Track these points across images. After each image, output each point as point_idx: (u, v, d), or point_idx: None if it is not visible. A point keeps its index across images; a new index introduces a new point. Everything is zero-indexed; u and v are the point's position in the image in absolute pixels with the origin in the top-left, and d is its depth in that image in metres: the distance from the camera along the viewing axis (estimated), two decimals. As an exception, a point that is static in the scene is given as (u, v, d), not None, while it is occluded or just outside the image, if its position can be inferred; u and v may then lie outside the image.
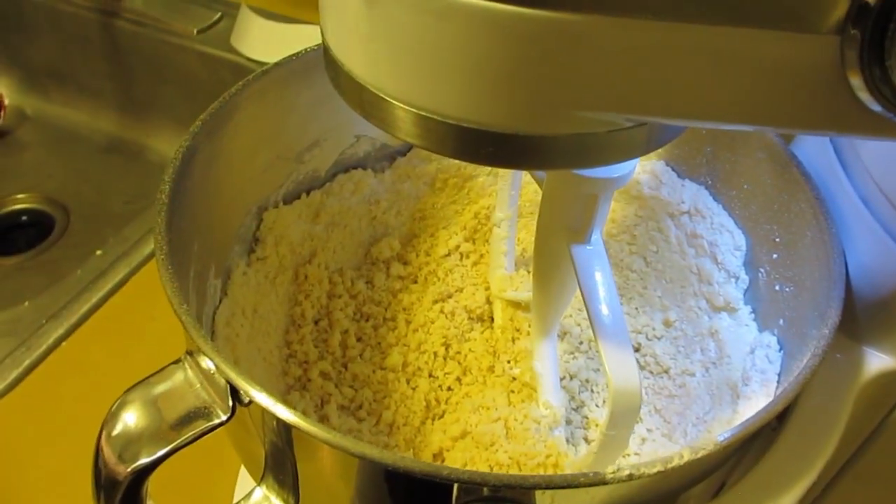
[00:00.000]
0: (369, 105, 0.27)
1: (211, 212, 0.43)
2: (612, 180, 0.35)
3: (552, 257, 0.40)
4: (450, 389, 0.48)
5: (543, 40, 0.23)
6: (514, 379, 0.48)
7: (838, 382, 0.39)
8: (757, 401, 0.40)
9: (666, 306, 0.50)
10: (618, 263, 0.52)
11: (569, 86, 0.24)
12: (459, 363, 0.49)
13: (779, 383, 0.40)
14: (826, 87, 0.24)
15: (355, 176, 0.51)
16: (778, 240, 0.44)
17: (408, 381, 0.48)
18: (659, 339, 0.49)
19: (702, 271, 0.48)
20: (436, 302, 0.51)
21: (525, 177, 0.50)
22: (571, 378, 0.49)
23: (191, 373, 0.33)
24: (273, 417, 0.30)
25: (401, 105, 0.26)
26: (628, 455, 0.45)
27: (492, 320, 0.51)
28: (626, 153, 0.28)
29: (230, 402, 0.32)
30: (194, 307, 0.40)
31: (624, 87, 0.24)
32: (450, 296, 0.52)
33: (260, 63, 0.81)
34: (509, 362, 0.48)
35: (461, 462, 0.44)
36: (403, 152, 0.53)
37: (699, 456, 0.29)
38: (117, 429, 0.32)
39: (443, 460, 0.45)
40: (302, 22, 0.82)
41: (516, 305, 0.50)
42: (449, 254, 0.53)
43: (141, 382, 0.33)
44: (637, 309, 0.51)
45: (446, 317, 0.50)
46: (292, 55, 0.44)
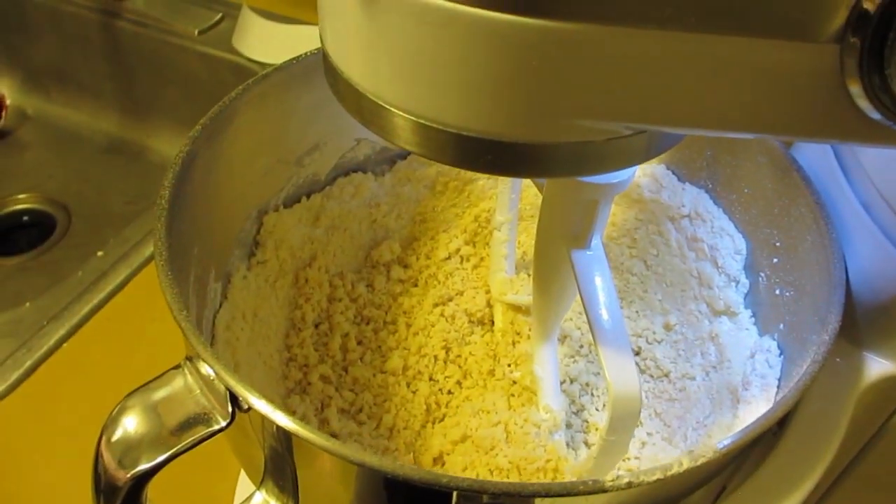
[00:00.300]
0: (368, 112, 0.27)
1: (211, 216, 0.43)
2: (612, 186, 0.35)
3: (552, 262, 0.40)
4: (450, 393, 0.48)
5: (543, 49, 0.23)
6: (514, 383, 0.47)
7: (839, 387, 0.39)
8: (757, 405, 0.40)
9: (666, 310, 0.50)
10: (618, 267, 0.52)
11: (568, 95, 0.24)
12: (460, 367, 0.49)
13: (779, 388, 0.40)
14: (825, 95, 0.24)
15: (355, 179, 0.51)
16: (778, 244, 0.44)
17: (408, 385, 0.48)
18: (659, 342, 0.49)
19: (702, 275, 0.48)
20: (436, 305, 0.51)
21: (525, 180, 0.50)
22: (572, 382, 0.48)
23: (190, 378, 0.33)
24: (272, 424, 0.30)
25: (400, 113, 0.26)
26: (628, 459, 0.45)
27: (492, 324, 0.51)
28: (626, 161, 0.28)
29: (230, 409, 0.32)
30: (194, 311, 0.40)
31: (623, 95, 0.24)
32: (450, 299, 0.52)
33: (261, 64, 0.81)
34: (510, 366, 0.48)
35: (461, 466, 0.44)
36: (404, 156, 0.53)
37: (699, 463, 0.29)
38: (117, 434, 0.32)
39: (443, 464, 0.45)
40: (303, 23, 0.82)
41: (517, 309, 0.50)
42: (449, 257, 0.53)
43: (141, 388, 0.33)
44: (637, 312, 0.51)
45: (447, 320, 0.50)
46: (292, 59, 0.44)
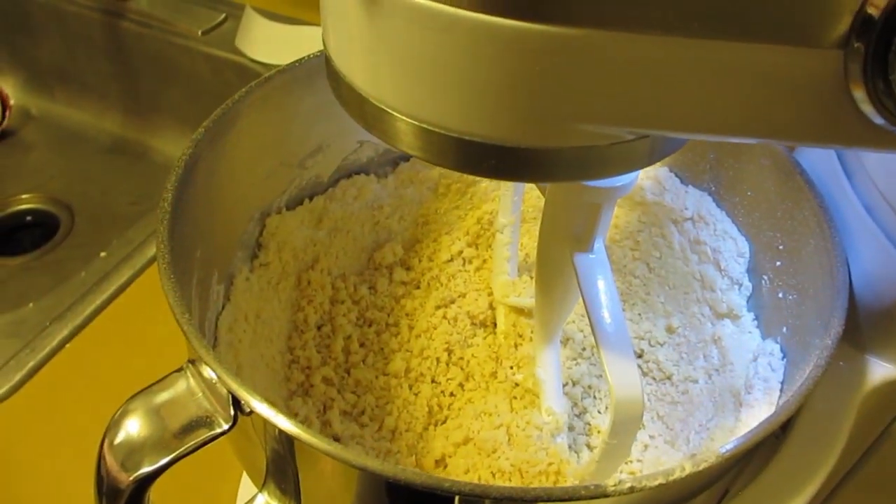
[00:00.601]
0: (371, 117, 0.27)
1: (214, 218, 0.43)
2: (615, 189, 0.35)
3: (554, 265, 0.40)
4: (452, 395, 0.48)
5: (545, 55, 0.23)
6: (516, 385, 0.47)
7: (842, 391, 0.39)
8: (759, 409, 0.40)
9: (669, 312, 0.50)
10: (621, 269, 0.51)
11: (571, 99, 0.24)
12: (462, 369, 0.49)
13: (782, 391, 0.40)
14: (829, 100, 0.24)
15: (358, 181, 0.51)
16: (781, 247, 0.44)
17: (410, 387, 0.48)
18: (662, 345, 0.49)
19: (705, 278, 0.48)
20: (438, 307, 0.51)
21: (528, 183, 0.50)
22: (574, 384, 0.48)
23: (193, 381, 0.33)
24: (274, 427, 0.30)
25: (402, 117, 0.26)
26: (630, 462, 0.45)
27: (494, 326, 0.51)
28: (629, 165, 0.28)
29: (232, 412, 0.32)
30: (197, 313, 0.40)
31: (626, 100, 0.24)
32: (452, 301, 0.52)
33: (264, 64, 0.81)
34: (512, 368, 0.48)
35: (463, 469, 0.44)
36: (406, 158, 0.52)
37: (701, 468, 0.29)
38: (119, 437, 0.32)
39: (445, 466, 0.45)
40: (306, 23, 0.82)
41: (519, 311, 0.50)
42: (452, 259, 0.53)
43: (143, 391, 0.33)
44: (640, 315, 0.51)
45: (449, 322, 0.50)
46: (295, 62, 0.44)
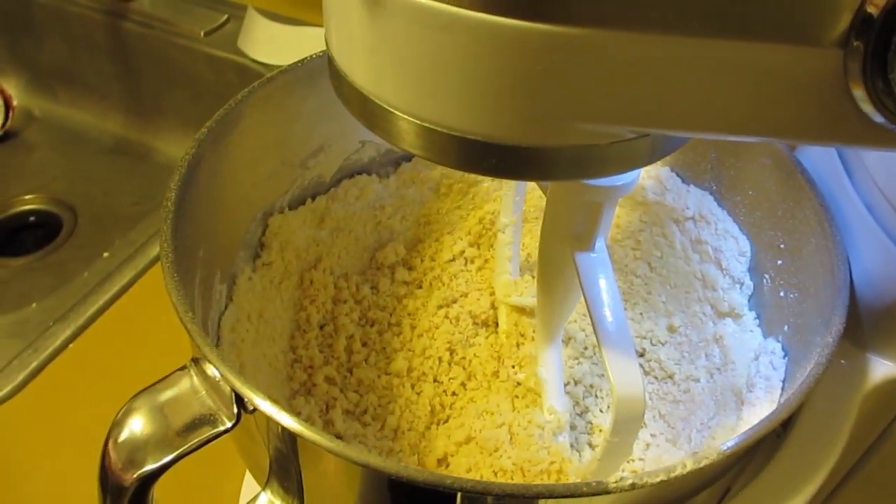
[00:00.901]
0: (373, 116, 0.27)
1: (216, 218, 0.43)
2: (616, 188, 0.35)
3: (556, 264, 0.40)
4: (454, 394, 0.48)
5: (546, 54, 0.23)
6: (518, 384, 0.48)
7: (843, 389, 0.39)
8: (761, 407, 0.40)
9: (670, 312, 0.50)
10: (622, 269, 0.52)
11: (571, 98, 0.24)
12: (464, 368, 0.49)
13: (783, 390, 0.40)
14: (829, 99, 0.24)
15: (360, 181, 0.51)
16: (782, 246, 0.44)
17: (412, 386, 0.48)
18: (663, 344, 0.49)
19: (706, 277, 0.48)
20: (440, 307, 0.51)
21: (530, 182, 0.50)
22: (576, 383, 0.49)
23: (196, 380, 0.33)
24: (277, 425, 0.30)
25: (404, 116, 0.26)
26: (632, 461, 0.45)
27: (496, 325, 0.51)
28: (630, 164, 0.28)
29: (235, 410, 0.32)
30: (200, 312, 0.40)
31: (627, 99, 0.24)
32: (454, 301, 0.52)
33: (266, 65, 0.81)
34: (514, 367, 0.48)
35: (465, 467, 0.44)
36: (408, 158, 0.53)
37: (702, 465, 0.29)
38: (123, 435, 0.32)
39: (447, 465, 0.45)
40: (308, 24, 0.82)
41: (521, 311, 0.50)
42: (454, 259, 0.53)
43: (147, 389, 0.33)
44: (641, 314, 0.51)
45: (451, 322, 0.50)
46: (297, 62, 0.44)
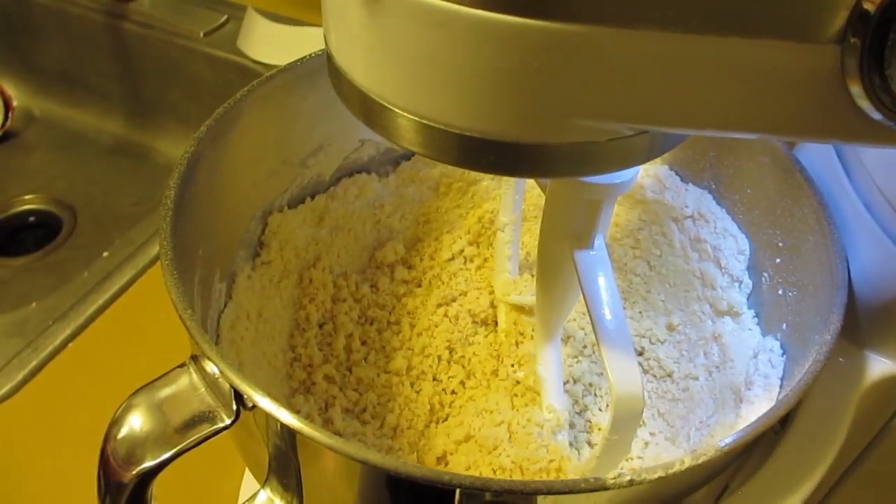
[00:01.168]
0: (372, 113, 0.27)
1: (216, 217, 0.43)
2: (615, 186, 0.35)
3: (555, 262, 0.40)
4: (453, 393, 0.49)
5: (544, 51, 0.23)
6: (517, 383, 0.48)
7: (841, 387, 0.39)
8: (760, 405, 0.40)
9: (669, 310, 0.50)
10: (621, 267, 0.52)
11: (569, 95, 0.24)
12: (463, 367, 0.49)
13: (781, 388, 0.40)
14: (827, 95, 0.24)
15: (359, 180, 0.51)
16: (781, 244, 0.44)
17: (412, 385, 0.49)
18: (662, 342, 0.49)
19: (705, 275, 0.48)
20: (440, 306, 0.51)
21: (529, 180, 0.50)
22: (575, 382, 0.49)
23: (195, 377, 0.33)
24: (276, 422, 0.30)
25: (403, 114, 0.26)
26: (631, 459, 0.45)
27: (496, 324, 0.51)
28: (628, 161, 0.28)
29: (234, 407, 0.32)
30: (199, 311, 0.40)
31: (625, 96, 0.24)
32: (454, 300, 0.52)
33: (266, 65, 0.81)
34: (513, 366, 0.48)
35: (464, 466, 0.44)
36: (408, 157, 0.53)
37: (700, 462, 0.29)
38: (122, 432, 0.32)
39: (446, 464, 0.45)
40: (308, 24, 0.83)
41: (520, 309, 0.50)
42: (453, 258, 0.53)
43: (146, 386, 0.33)
44: (640, 313, 0.51)
45: (450, 321, 0.51)
46: (296, 60, 0.44)
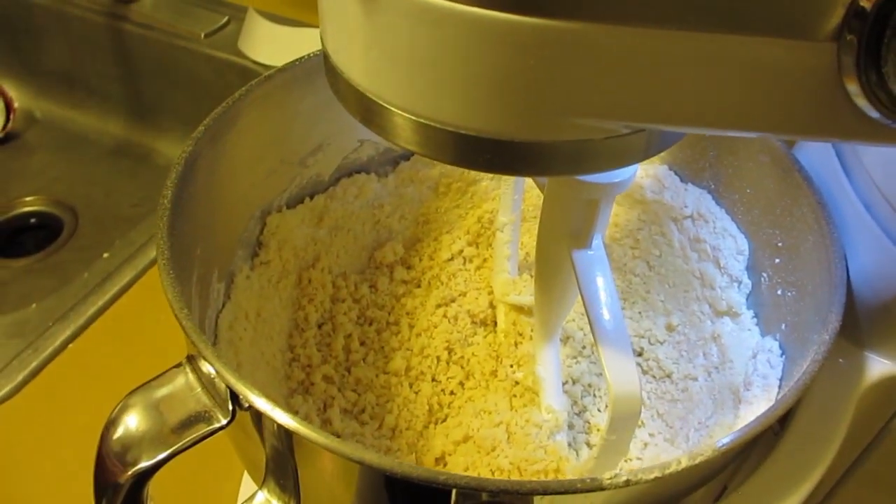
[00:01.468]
0: (368, 112, 0.27)
1: (214, 216, 0.43)
2: (613, 185, 0.35)
3: (554, 262, 0.40)
4: (452, 394, 0.48)
5: (539, 48, 0.23)
6: (516, 383, 0.47)
7: (840, 387, 0.39)
8: (758, 406, 0.40)
9: (669, 310, 0.50)
10: (621, 267, 0.52)
11: (565, 93, 0.24)
12: (462, 367, 0.49)
13: (780, 388, 0.40)
14: (824, 93, 0.24)
15: (359, 180, 0.51)
16: (780, 244, 0.44)
17: (411, 385, 0.48)
18: (661, 343, 0.49)
19: (704, 276, 0.48)
20: (439, 306, 0.51)
21: (529, 180, 0.50)
22: (574, 382, 0.48)
23: (192, 377, 0.33)
24: (273, 422, 0.30)
25: (400, 112, 0.26)
26: (630, 460, 0.45)
27: (495, 324, 0.51)
28: (625, 159, 0.28)
29: (230, 407, 0.32)
30: (197, 311, 0.40)
31: (621, 94, 0.24)
32: (453, 300, 0.52)
33: (267, 66, 0.81)
34: (512, 366, 0.48)
35: (463, 466, 0.44)
36: (407, 157, 0.53)
37: (697, 462, 0.29)
38: (118, 432, 0.32)
39: (445, 464, 0.45)
40: (308, 25, 0.83)
41: (519, 309, 0.50)
42: (452, 258, 0.53)
43: (142, 386, 0.33)
44: (640, 313, 0.51)
45: (449, 321, 0.50)
46: (295, 60, 0.44)
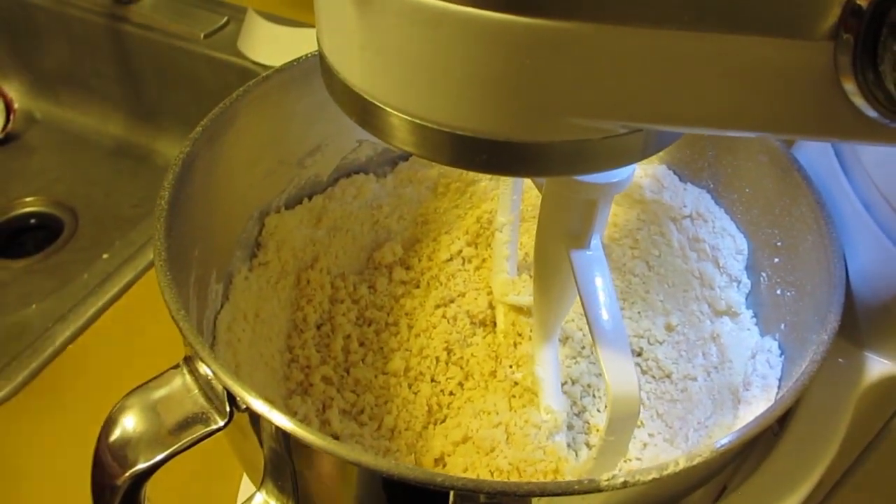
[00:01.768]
0: (364, 113, 0.27)
1: (212, 217, 0.43)
2: (611, 185, 0.35)
3: (552, 262, 0.40)
4: (451, 394, 0.48)
5: (535, 48, 0.23)
6: (515, 384, 0.47)
7: (839, 387, 0.39)
8: (758, 406, 0.40)
9: (668, 310, 0.50)
10: (620, 268, 0.51)
11: (561, 93, 0.24)
12: (461, 368, 0.49)
13: (780, 388, 0.40)
14: (821, 92, 0.24)
15: (357, 181, 0.51)
16: (779, 244, 0.43)
17: (410, 386, 0.48)
18: (661, 343, 0.49)
19: (704, 275, 0.47)
20: (438, 307, 0.51)
21: (527, 181, 0.50)
22: (573, 383, 0.48)
23: (189, 378, 0.33)
24: (270, 424, 0.30)
25: (395, 113, 0.26)
26: (630, 460, 0.45)
27: (494, 325, 0.51)
28: (622, 159, 0.28)
29: (227, 408, 0.32)
30: (195, 312, 0.40)
31: (617, 94, 0.24)
32: (452, 300, 0.52)
33: (266, 67, 0.81)
34: (511, 367, 0.48)
35: (462, 467, 0.43)
36: (405, 157, 0.53)
37: (695, 463, 0.29)
38: (116, 433, 0.32)
39: (444, 465, 0.45)
40: (308, 26, 0.83)
41: (518, 310, 0.50)
42: (451, 258, 0.53)
43: (140, 387, 0.33)
44: (639, 313, 0.51)
45: (448, 321, 0.50)
46: (292, 61, 0.44)
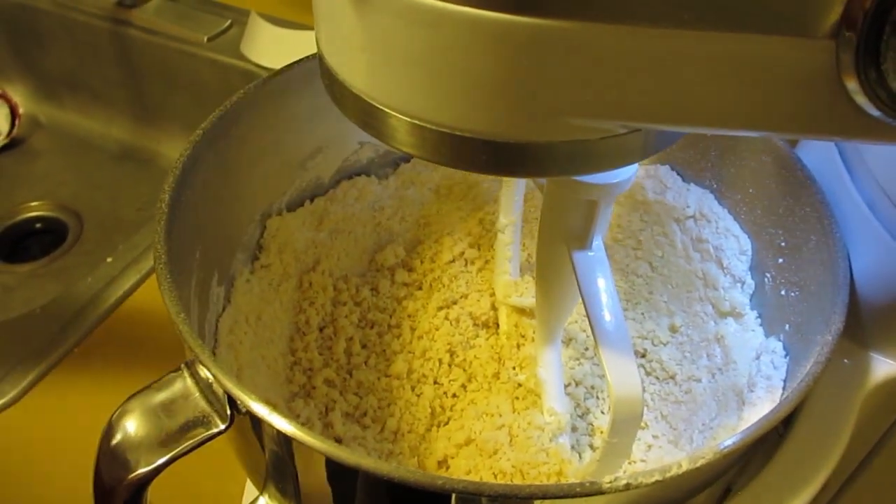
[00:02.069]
0: (364, 115, 0.27)
1: (213, 220, 0.43)
2: (612, 186, 0.35)
3: (554, 264, 0.40)
4: (455, 396, 0.48)
5: (534, 48, 0.23)
6: (519, 385, 0.47)
7: (845, 388, 0.39)
8: (762, 407, 0.40)
9: (672, 311, 0.50)
10: (623, 269, 0.51)
11: (561, 93, 0.24)
12: (464, 370, 0.49)
13: (784, 389, 0.40)
14: (823, 91, 0.23)
15: (359, 182, 0.51)
16: (783, 244, 0.43)
17: (412, 389, 0.48)
18: (665, 344, 0.49)
19: (707, 276, 0.47)
20: (441, 309, 0.51)
21: (530, 182, 0.50)
22: (577, 385, 0.48)
23: (190, 382, 0.33)
24: (271, 427, 0.30)
25: (395, 114, 0.26)
26: (634, 462, 0.44)
27: (497, 326, 0.51)
28: (623, 160, 0.28)
29: (228, 412, 0.32)
30: (196, 315, 0.40)
31: (618, 94, 0.24)
32: (455, 302, 0.51)
33: (269, 70, 0.81)
34: (514, 369, 0.48)
35: (465, 470, 0.43)
36: (407, 159, 0.53)
37: (698, 465, 0.29)
38: (117, 437, 0.32)
39: (447, 468, 0.45)
40: (310, 28, 0.82)
41: (521, 311, 0.50)
42: (454, 260, 0.53)
43: (141, 391, 0.33)
44: (643, 314, 0.50)
45: (451, 323, 0.50)
46: (293, 63, 0.44)
